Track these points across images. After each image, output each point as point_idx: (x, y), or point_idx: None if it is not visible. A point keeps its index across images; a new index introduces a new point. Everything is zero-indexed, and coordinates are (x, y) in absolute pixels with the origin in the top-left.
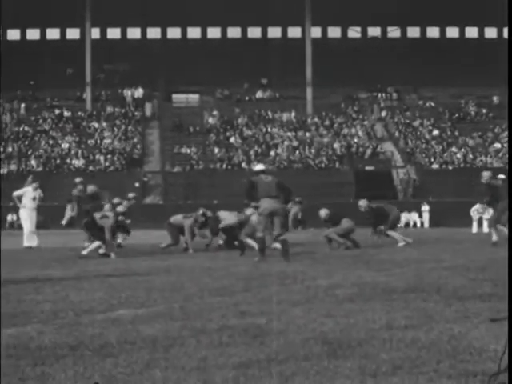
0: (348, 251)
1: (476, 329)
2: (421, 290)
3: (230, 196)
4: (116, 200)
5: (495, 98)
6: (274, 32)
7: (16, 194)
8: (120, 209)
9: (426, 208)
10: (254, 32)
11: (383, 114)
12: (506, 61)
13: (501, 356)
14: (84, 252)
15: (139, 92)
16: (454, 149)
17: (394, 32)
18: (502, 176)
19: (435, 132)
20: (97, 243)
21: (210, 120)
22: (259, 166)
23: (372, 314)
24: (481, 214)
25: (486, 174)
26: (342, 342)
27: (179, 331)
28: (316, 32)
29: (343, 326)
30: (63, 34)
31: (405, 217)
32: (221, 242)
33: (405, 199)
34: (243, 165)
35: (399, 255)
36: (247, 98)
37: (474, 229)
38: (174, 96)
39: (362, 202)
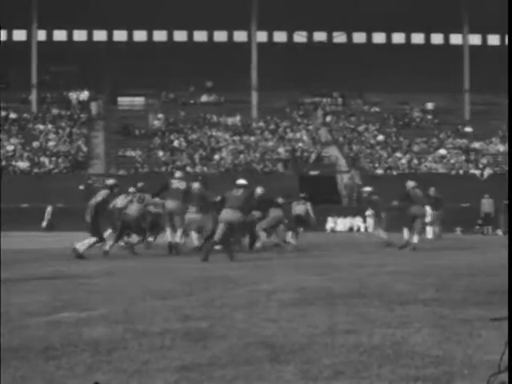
0: (292, 255)
1: (418, 334)
2: (363, 294)
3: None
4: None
5: (429, 105)
6: (220, 36)
7: None
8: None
9: (369, 213)
10: (200, 35)
11: (328, 118)
12: (452, 66)
13: (501, 356)
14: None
15: (85, 94)
16: (398, 154)
17: (339, 37)
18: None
19: (380, 137)
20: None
21: (155, 123)
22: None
23: (314, 319)
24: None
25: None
26: (284, 347)
27: (122, 334)
28: (262, 36)
29: (285, 331)
30: (10, 35)
31: (349, 221)
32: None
33: (349, 204)
34: (188, 168)
35: (342, 260)
36: (192, 102)
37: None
38: (120, 99)
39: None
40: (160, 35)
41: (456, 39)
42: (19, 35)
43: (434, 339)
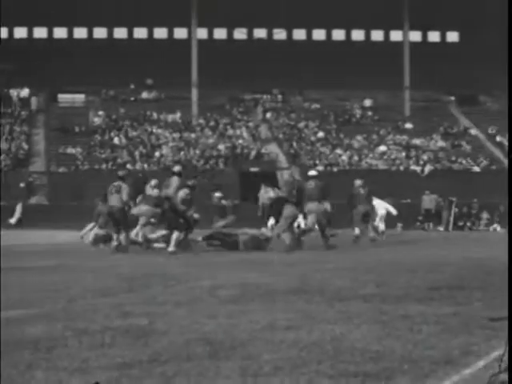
0: (232, 252)
1: (358, 329)
2: (304, 291)
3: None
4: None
5: (369, 101)
6: (160, 33)
7: None
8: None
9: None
10: (140, 32)
11: (268, 115)
12: (392, 63)
13: (501, 356)
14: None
15: (25, 92)
16: (339, 151)
17: (279, 34)
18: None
19: (320, 134)
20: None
21: (96, 120)
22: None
23: (254, 315)
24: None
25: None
26: (224, 343)
27: (62, 332)
28: (202, 33)
29: (225, 327)
30: None
31: None
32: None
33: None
34: (128, 165)
35: (283, 256)
36: (132, 99)
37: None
38: (60, 96)
39: None
40: (100, 32)
41: (396, 36)
42: None
43: (374, 335)
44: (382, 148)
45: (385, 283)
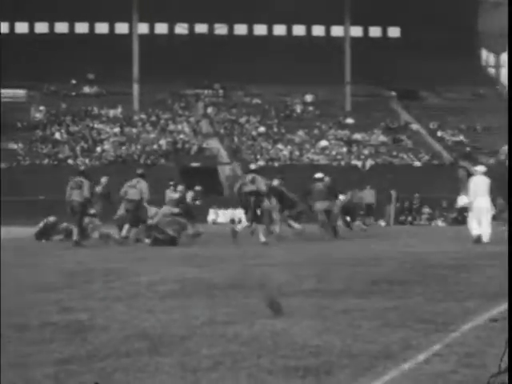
0: (173, 247)
1: (298, 324)
2: (244, 286)
3: (55, 192)
4: None
5: (311, 96)
6: (101, 28)
7: None
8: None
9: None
10: (82, 27)
11: (209, 110)
12: (333, 58)
13: (501, 356)
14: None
15: None
16: (280, 146)
17: (221, 29)
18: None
19: (261, 129)
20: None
21: (37, 115)
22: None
23: (194, 310)
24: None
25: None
26: (163, 338)
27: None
28: (143, 28)
29: (165, 322)
30: None
31: (230, 213)
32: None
33: (230, 196)
34: (69, 161)
35: (224, 251)
36: (74, 94)
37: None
38: (1, 91)
39: None
40: (41, 27)
41: (337, 31)
42: None
43: (314, 330)
44: (323, 143)
45: (325, 278)
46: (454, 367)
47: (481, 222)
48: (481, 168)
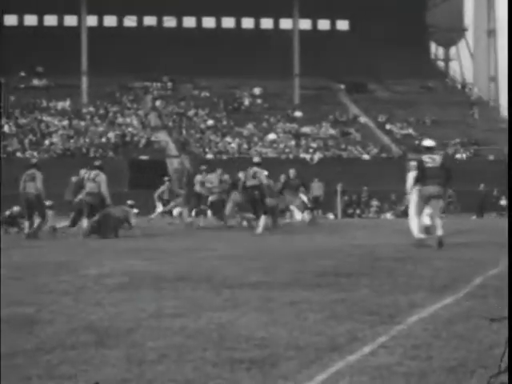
0: (121, 240)
1: (244, 317)
2: (191, 278)
3: (5, 186)
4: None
5: (259, 89)
6: (50, 20)
7: None
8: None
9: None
10: (31, 20)
11: (158, 103)
12: (282, 51)
13: (501, 357)
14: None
15: None
16: (228, 139)
17: (169, 22)
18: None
19: (210, 122)
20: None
21: None
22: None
23: (141, 303)
24: None
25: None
26: (110, 331)
27: None
28: (92, 20)
29: (111, 315)
30: None
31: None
32: None
33: (179, 189)
34: (18, 154)
35: (172, 244)
36: (23, 86)
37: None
38: None
39: None
40: None
41: (286, 24)
42: None
43: (260, 322)
44: (272, 136)
45: (272, 270)
46: (399, 359)
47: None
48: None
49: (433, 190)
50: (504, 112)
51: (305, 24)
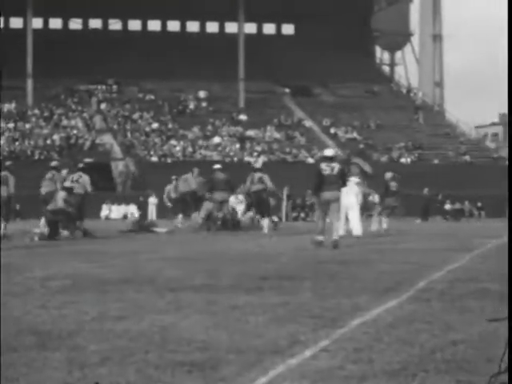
0: (64, 242)
1: (187, 319)
2: (135, 281)
3: None
4: None
5: (204, 92)
6: None
7: None
8: None
9: (153, 200)
10: None
11: (103, 106)
12: (227, 54)
13: (501, 357)
14: None
15: None
16: (173, 142)
17: (115, 24)
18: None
19: (155, 125)
20: None
21: None
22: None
23: (84, 306)
24: None
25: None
26: (53, 334)
27: None
28: (37, 23)
29: (55, 318)
30: None
31: (123, 209)
32: None
33: (123, 191)
34: None
35: (116, 246)
36: None
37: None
38: None
39: None
40: None
41: (231, 28)
42: None
43: (202, 325)
44: (217, 139)
45: (215, 273)
46: (341, 363)
47: (348, 217)
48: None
49: (330, 196)
50: (449, 116)
51: (250, 28)
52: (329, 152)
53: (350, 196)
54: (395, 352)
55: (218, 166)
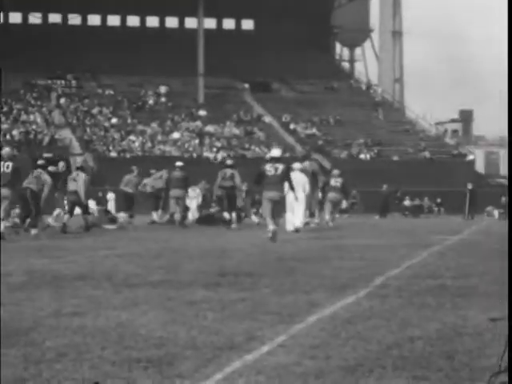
0: (24, 238)
1: (144, 316)
2: (92, 277)
3: None
4: None
5: (163, 88)
6: None
7: None
8: None
9: (111, 196)
10: None
11: (62, 101)
12: (186, 50)
13: (501, 356)
14: None
15: None
16: (132, 137)
17: (74, 19)
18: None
19: (114, 120)
20: None
21: None
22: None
23: (41, 302)
24: None
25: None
26: (9, 331)
27: None
28: None
29: (11, 314)
30: None
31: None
32: None
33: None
34: None
35: (73, 242)
36: None
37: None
38: None
39: None
40: None
41: (191, 23)
42: None
43: (159, 321)
44: (176, 135)
45: (173, 269)
46: (297, 359)
47: (293, 212)
48: (297, 165)
49: (272, 195)
50: (408, 113)
51: (210, 23)
52: (276, 152)
53: (298, 191)
54: (352, 348)
55: (178, 164)
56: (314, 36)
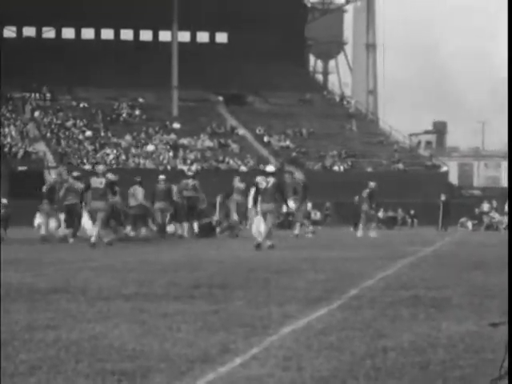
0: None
1: (117, 328)
2: (66, 290)
3: None
4: None
5: (138, 100)
6: None
7: None
8: None
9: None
10: None
11: (36, 114)
12: (161, 63)
13: (501, 361)
14: None
15: None
16: (106, 150)
17: (48, 32)
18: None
19: (88, 133)
20: None
21: None
22: None
23: (15, 315)
24: None
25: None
26: None
27: None
28: None
29: None
30: None
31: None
32: None
33: (57, 200)
34: None
35: (48, 256)
36: None
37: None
38: None
39: None
40: None
41: (165, 36)
42: None
43: (132, 334)
44: (150, 147)
45: (147, 282)
46: (270, 370)
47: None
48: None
49: (266, 207)
50: (382, 125)
51: (184, 36)
52: (270, 168)
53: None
54: (325, 359)
55: (161, 177)
56: (288, 48)
